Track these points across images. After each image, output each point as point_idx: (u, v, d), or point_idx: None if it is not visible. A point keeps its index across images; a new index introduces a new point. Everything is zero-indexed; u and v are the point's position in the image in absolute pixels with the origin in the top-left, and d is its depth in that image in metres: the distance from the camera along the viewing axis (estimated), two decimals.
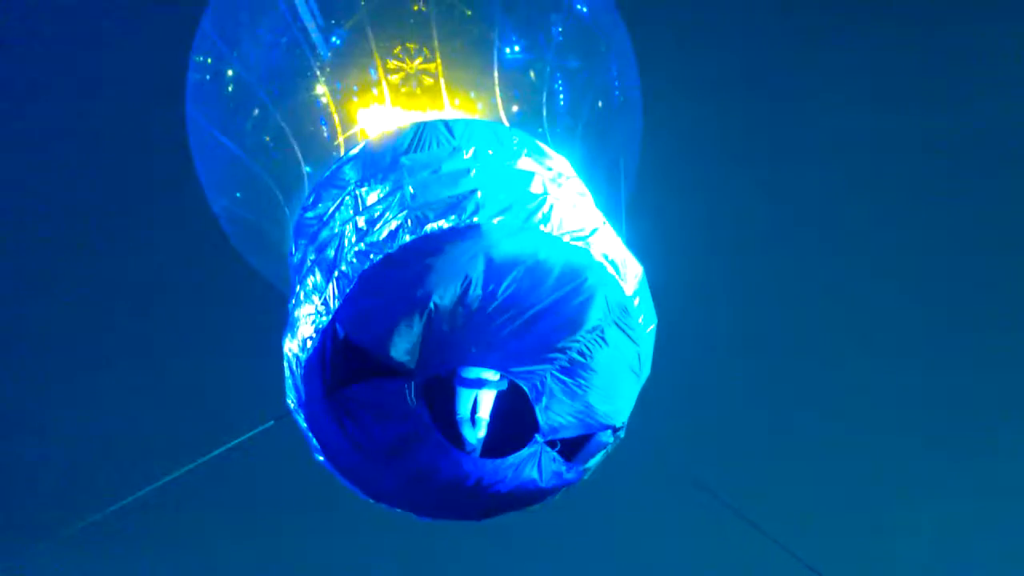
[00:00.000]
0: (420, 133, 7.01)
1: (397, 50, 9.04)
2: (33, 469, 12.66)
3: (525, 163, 6.76)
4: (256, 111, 9.51)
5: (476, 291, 6.15)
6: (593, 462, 6.61)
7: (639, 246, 6.86)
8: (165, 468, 6.96)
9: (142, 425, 12.58)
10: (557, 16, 8.82)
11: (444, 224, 6.10)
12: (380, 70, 9.20)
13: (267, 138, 9.25)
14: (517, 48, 8.54)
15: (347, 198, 6.79)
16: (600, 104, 8.74)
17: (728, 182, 12.92)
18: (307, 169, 8.76)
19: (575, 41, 8.80)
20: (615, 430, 6.54)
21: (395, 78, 8.95)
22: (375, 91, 9.01)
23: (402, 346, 6.24)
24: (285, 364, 6.55)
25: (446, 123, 7.07)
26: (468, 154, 6.74)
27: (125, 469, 11.51)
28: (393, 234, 6.16)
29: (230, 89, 9.76)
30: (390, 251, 6.11)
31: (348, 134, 8.00)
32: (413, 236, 6.10)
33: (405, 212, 6.20)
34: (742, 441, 12.31)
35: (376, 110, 8.86)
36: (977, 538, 12.71)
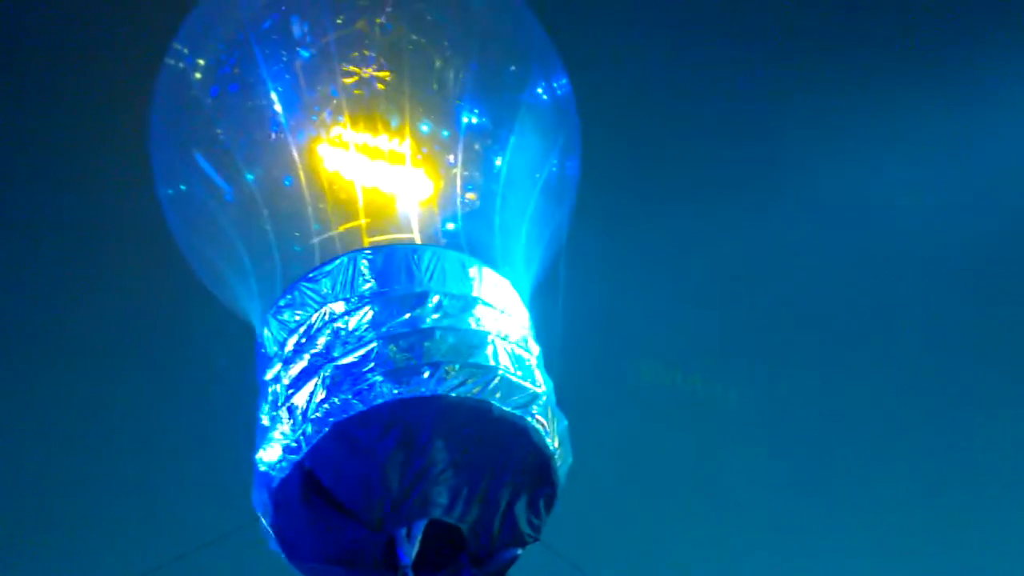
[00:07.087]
0: (389, 259, 8.11)
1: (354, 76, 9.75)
2: None
3: (480, 315, 7.97)
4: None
5: (434, 455, 7.55)
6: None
7: None
8: None
9: None
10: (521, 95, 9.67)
11: (412, 391, 7.43)
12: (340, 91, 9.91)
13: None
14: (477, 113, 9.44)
15: (327, 329, 7.93)
16: (537, 176, 9.77)
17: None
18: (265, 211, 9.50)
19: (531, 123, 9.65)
20: (524, 546, 8.17)
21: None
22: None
23: (362, 495, 7.60)
24: (255, 472, 7.97)
25: (415, 253, 8.16)
26: (433, 302, 7.87)
27: None
28: (367, 392, 7.48)
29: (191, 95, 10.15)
30: (363, 410, 7.50)
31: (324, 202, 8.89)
32: (384, 399, 7.49)
33: (381, 375, 7.49)
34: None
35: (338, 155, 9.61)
36: None
